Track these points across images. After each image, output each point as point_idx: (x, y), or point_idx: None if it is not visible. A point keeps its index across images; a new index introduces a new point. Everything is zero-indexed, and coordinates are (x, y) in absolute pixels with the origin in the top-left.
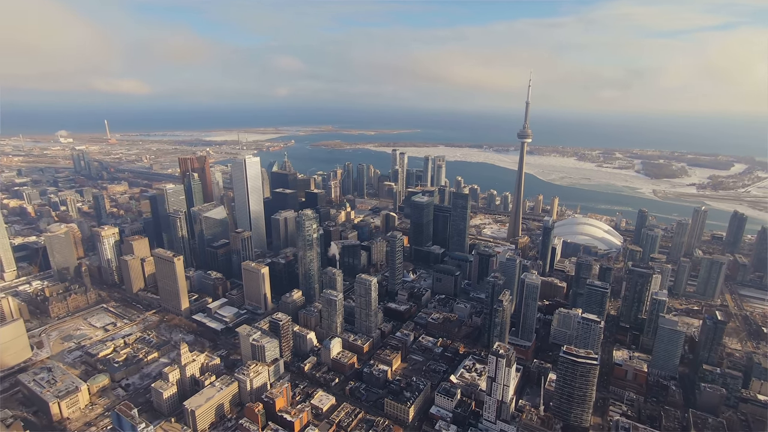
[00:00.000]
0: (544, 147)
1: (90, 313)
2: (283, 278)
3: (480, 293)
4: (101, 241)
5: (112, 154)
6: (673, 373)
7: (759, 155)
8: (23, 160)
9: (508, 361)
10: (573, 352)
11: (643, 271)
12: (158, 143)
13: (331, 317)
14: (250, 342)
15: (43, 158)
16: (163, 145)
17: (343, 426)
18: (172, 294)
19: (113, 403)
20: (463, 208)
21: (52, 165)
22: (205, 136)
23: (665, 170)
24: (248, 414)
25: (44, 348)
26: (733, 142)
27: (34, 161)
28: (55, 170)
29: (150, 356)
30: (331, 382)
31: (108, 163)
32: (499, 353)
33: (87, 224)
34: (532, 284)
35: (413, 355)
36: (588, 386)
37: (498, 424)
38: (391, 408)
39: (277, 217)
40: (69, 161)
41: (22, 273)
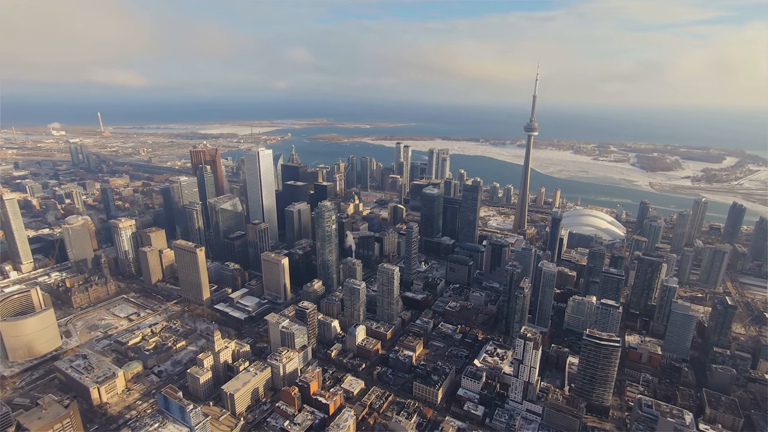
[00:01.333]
0: (540, 141)
1: (112, 304)
2: (300, 269)
3: (493, 282)
4: (118, 233)
5: (108, 147)
6: (685, 355)
7: (749, 148)
8: (18, 153)
9: (535, 344)
10: (596, 335)
11: (653, 260)
12: (153, 136)
13: (353, 305)
14: (280, 329)
15: (38, 151)
16: (159, 138)
17: (375, 408)
18: (194, 284)
19: (148, 389)
20: (474, 200)
21: (49, 158)
22: (199, 129)
23: (660, 163)
24: (284, 397)
25: (72, 337)
26: (724, 136)
27: (29, 154)
28: (53, 163)
29: (178, 344)
30: (358, 368)
31: (105, 156)
32: (526, 336)
33: (96, 217)
34: (549, 272)
35: (434, 342)
36: (610, 367)
37: (524, 404)
38: (420, 391)
39: (291, 209)
40: (65, 154)
41: (38, 265)
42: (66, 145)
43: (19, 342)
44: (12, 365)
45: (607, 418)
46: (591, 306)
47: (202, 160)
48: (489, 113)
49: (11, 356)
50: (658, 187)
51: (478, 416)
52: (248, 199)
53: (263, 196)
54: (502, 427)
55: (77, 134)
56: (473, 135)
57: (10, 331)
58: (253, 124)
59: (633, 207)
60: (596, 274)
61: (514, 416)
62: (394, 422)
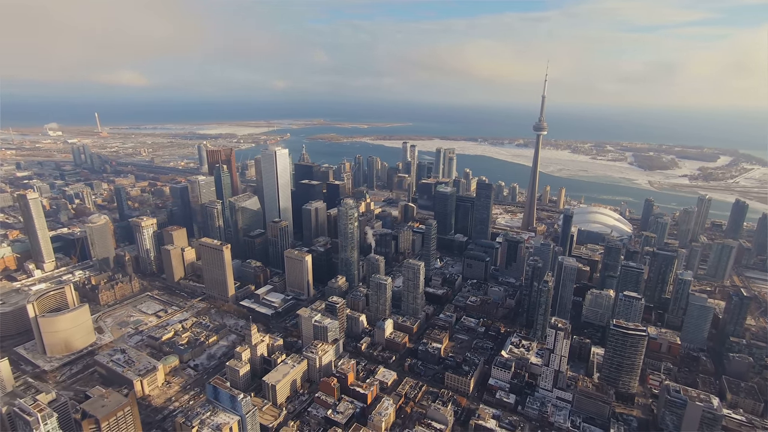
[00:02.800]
0: None
1: (138, 301)
2: (321, 265)
3: (509, 277)
4: (140, 232)
5: (108, 148)
6: (702, 345)
7: (742, 148)
8: (17, 154)
9: (566, 333)
10: (622, 325)
11: (668, 254)
12: (151, 136)
13: (379, 300)
14: (313, 323)
15: (37, 151)
16: (157, 139)
17: (410, 397)
18: (219, 281)
19: (186, 382)
20: (487, 198)
21: (49, 158)
22: (197, 129)
23: (657, 162)
24: (323, 388)
25: (105, 333)
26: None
27: (29, 154)
28: (55, 164)
29: (210, 339)
30: (388, 360)
31: (107, 157)
32: (557, 327)
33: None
34: (569, 266)
35: (458, 335)
36: (637, 355)
37: (554, 391)
38: (452, 381)
39: (309, 207)
40: (66, 155)
41: (60, 264)
42: (65, 145)
43: (57, 338)
44: (51, 360)
45: (633, 404)
46: (609, 299)
47: (219, 159)
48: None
49: (49, 352)
50: (657, 186)
51: (510, 404)
52: (264, 197)
53: (280, 194)
54: (534, 413)
55: (74, 135)
56: (471, 135)
57: (48, 326)
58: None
59: (634, 205)
60: (612, 269)
61: (545, 403)
62: (433, 410)
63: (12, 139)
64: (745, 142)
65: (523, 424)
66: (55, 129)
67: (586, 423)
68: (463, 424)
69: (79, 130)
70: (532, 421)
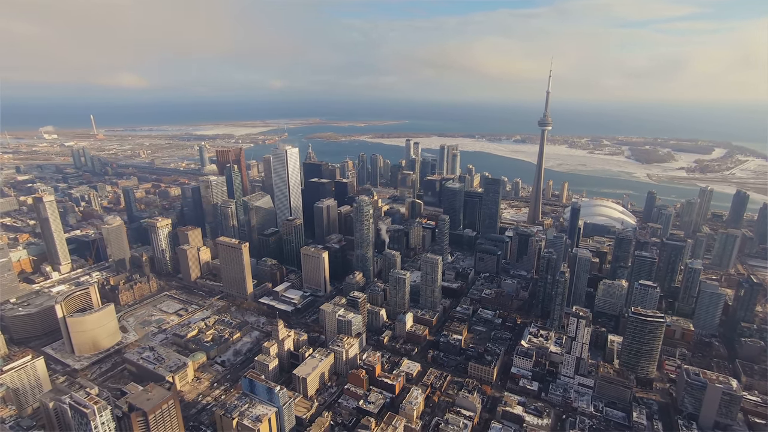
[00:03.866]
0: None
1: (157, 301)
2: (336, 262)
3: (520, 270)
4: (156, 232)
5: (106, 150)
6: (714, 331)
7: (735, 140)
8: (15, 157)
9: (587, 322)
10: (641, 312)
11: (677, 244)
12: (148, 138)
13: (399, 294)
14: (336, 318)
15: (34, 155)
16: (155, 140)
17: (436, 387)
18: (237, 280)
19: (215, 377)
20: (495, 193)
21: (47, 161)
22: (194, 130)
23: (653, 155)
24: (352, 380)
25: (129, 332)
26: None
27: (27, 158)
28: (55, 167)
29: (234, 336)
30: (411, 352)
31: (107, 159)
32: (579, 315)
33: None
34: (583, 258)
35: (475, 327)
36: (655, 341)
37: (576, 378)
38: (475, 370)
39: (321, 205)
40: (64, 158)
41: (75, 266)
42: (62, 148)
43: (85, 337)
44: (80, 359)
45: (652, 389)
46: (621, 289)
47: (230, 159)
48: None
49: (77, 351)
50: (656, 178)
51: (534, 391)
52: (275, 196)
53: (290, 193)
54: (558, 399)
55: (70, 137)
56: (469, 131)
57: (77, 326)
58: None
59: (635, 198)
60: (623, 260)
61: (568, 390)
62: (462, 398)
63: (8, 142)
64: (737, 135)
65: (549, 410)
66: (51, 132)
67: (608, 407)
68: (490, 411)
69: (75, 133)
70: (557, 407)
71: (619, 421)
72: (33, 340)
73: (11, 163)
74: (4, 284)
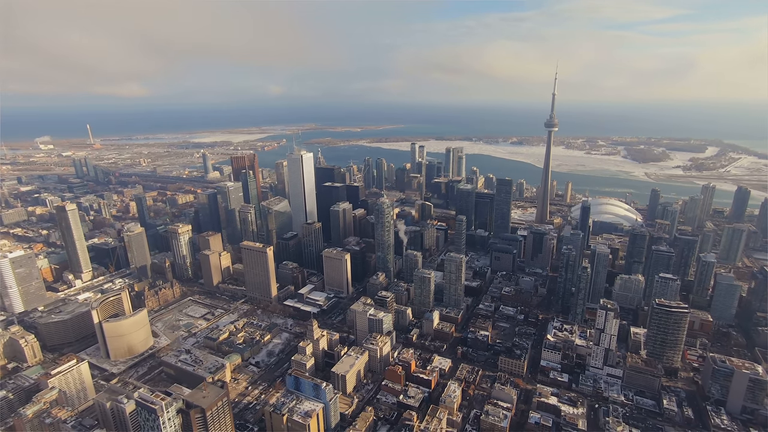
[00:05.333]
0: (532, 137)
1: (182, 306)
2: (357, 264)
3: (535, 268)
4: (177, 238)
5: (105, 159)
6: (731, 321)
7: (726, 138)
8: (14, 168)
9: (615, 314)
10: (665, 303)
11: (689, 238)
12: (146, 147)
13: (424, 293)
14: (368, 317)
15: (33, 166)
16: (153, 149)
17: (470, 381)
18: (261, 283)
19: (253, 378)
20: (507, 194)
21: (48, 172)
22: (190, 138)
23: (649, 155)
24: (389, 376)
25: (160, 337)
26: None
27: (25, 169)
28: (58, 177)
29: (265, 338)
30: (440, 348)
31: (108, 168)
32: (607, 307)
33: None
34: (602, 254)
35: (499, 323)
36: (680, 331)
37: (605, 369)
38: (506, 364)
39: (337, 209)
40: (64, 168)
41: (96, 273)
42: (60, 158)
43: (120, 342)
44: (116, 363)
45: (677, 378)
46: (639, 283)
47: (245, 165)
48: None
49: (113, 356)
50: (654, 177)
51: (565, 382)
52: (291, 200)
53: (306, 197)
54: (589, 390)
55: (66, 147)
56: (466, 134)
57: (112, 331)
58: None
59: (636, 196)
60: (638, 255)
61: (598, 380)
62: (498, 390)
63: (4, 153)
64: (728, 133)
65: (582, 400)
66: (48, 142)
67: (637, 396)
68: (525, 402)
69: (71, 143)
70: (588, 397)
71: (650, 408)
72: (66, 346)
73: (11, 174)
74: (32, 292)
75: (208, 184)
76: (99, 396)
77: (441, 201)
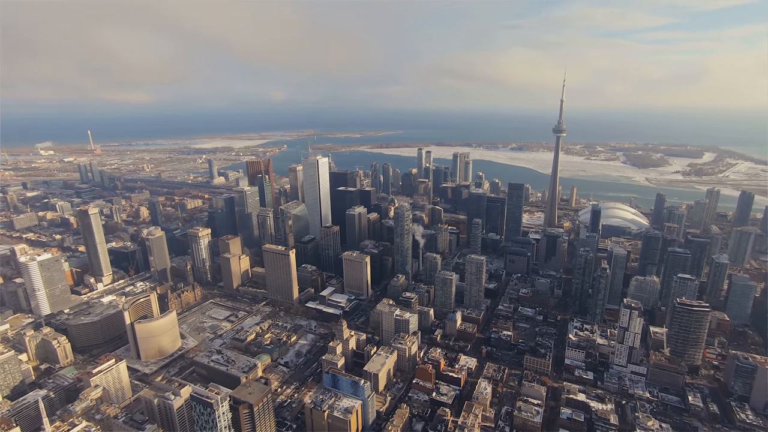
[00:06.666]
0: (532, 143)
1: (205, 308)
2: (374, 266)
3: (549, 270)
4: (197, 242)
5: (107, 165)
6: (746, 321)
7: (722, 144)
8: (15, 174)
9: (639, 312)
10: (686, 302)
11: (701, 241)
12: (147, 152)
13: (446, 295)
14: (394, 317)
15: (35, 171)
16: (154, 154)
17: (497, 379)
18: (284, 286)
19: (283, 377)
20: (519, 198)
21: (51, 177)
22: (190, 143)
23: (648, 160)
24: (420, 375)
25: (187, 338)
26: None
27: (27, 175)
28: (63, 182)
29: (291, 339)
30: (464, 348)
31: (113, 174)
32: (631, 306)
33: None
34: (620, 255)
35: (519, 323)
36: (701, 329)
37: (629, 366)
38: (531, 363)
39: (352, 213)
40: (68, 173)
41: (116, 277)
42: (62, 164)
43: (151, 343)
44: (147, 364)
45: (698, 375)
46: (654, 284)
47: (261, 170)
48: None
49: (143, 356)
50: (655, 182)
51: (590, 380)
52: (306, 204)
53: (321, 201)
54: (614, 387)
55: (66, 153)
56: (466, 140)
57: (144, 332)
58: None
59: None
60: (651, 257)
61: (622, 377)
62: (528, 387)
63: (6, 159)
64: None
65: (609, 396)
66: (49, 148)
67: (662, 393)
68: (552, 399)
69: (71, 149)
70: (614, 393)
71: (675, 404)
72: (94, 347)
73: (15, 180)
74: (57, 295)
75: (214, 190)
76: (145, 393)
77: (448, 205)
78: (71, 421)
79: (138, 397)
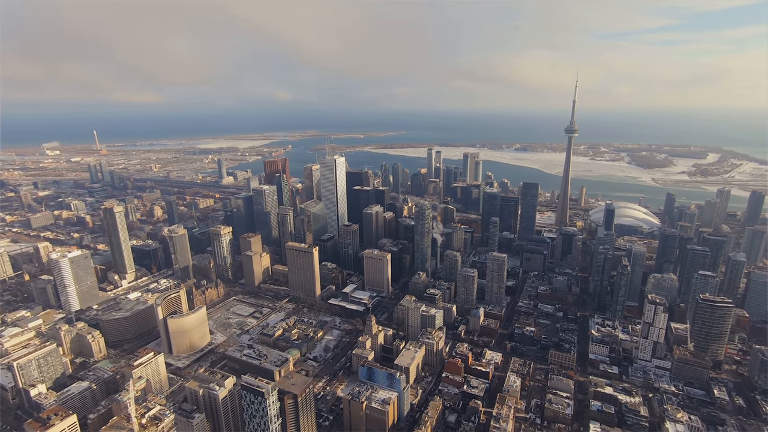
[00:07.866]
0: (536, 144)
1: (228, 304)
2: (393, 264)
3: (565, 268)
4: (219, 240)
5: (114, 165)
6: (764, 317)
7: (725, 145)
8: (24, 174)
9: (664, 308)
10: (710, 299)
11: (718, 239)
12: (153, 152)
13: (467, 291)
14: (420, 313)
15: (43, 171)
16: (160, 154)
17: (524, 373)
18: (306, 283)
19: (314, 371)
20: (533, 197)
21: (60, 177)
22: (195, 144)
23: (653, 161)
24: (449, 368)
25: (215, 334)
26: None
27: (36, 174)
28: (73, 182)
29: (318, 334)
30: (488, 343)
31: (123, 174)
32: (656, 302)
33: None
34: (639, 253)
35: (539, 320)
36: (724, 325)
37: (653, 361)
38: (555, 357)
39: (369, 212)
40: (77, 173)
41: (139, 274)
42: (69, 164)
43: (183, 337)
44: (180, 358)
45: (721, 370)
46: (672, 281)
47: (279, 169)
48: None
49: (175, 351)
50: (661, 182)
51: (615, 374)
52: (324, 203)
53: (338, 200)
54: (640, 380)
55: (72, 153)
56: (470, 141)
57: (176, 327)
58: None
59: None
60: (668, 255)
61: (647, 371)
62: (556, 380)
63: (13, 159)
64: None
65: (635, 390)
66: (56, 148)
67: (686, 386)
68: (579, 392)
69: (77, 149)
70: (640, 387)
71: (701, 398)
72: (126, 342)
73: (25, 180)
74: (86, 291)
75: (224, 189)
76: (190, 384)
77: (459, 205)
78: (145, 405)
79: (176, 388)
